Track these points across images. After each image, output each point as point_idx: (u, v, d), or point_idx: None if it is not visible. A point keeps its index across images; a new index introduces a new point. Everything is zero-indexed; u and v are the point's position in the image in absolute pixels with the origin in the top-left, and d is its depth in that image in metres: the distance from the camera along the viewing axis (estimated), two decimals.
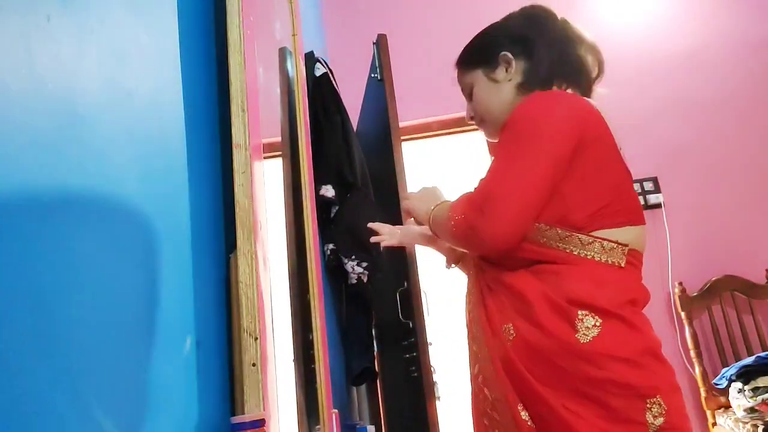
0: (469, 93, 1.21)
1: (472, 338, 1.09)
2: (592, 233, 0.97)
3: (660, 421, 0.88)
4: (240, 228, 0.91)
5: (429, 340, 1.94)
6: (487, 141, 1.27)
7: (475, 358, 1.07)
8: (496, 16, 1.23)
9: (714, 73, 3.09)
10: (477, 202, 0.99)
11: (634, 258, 1.00)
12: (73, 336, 0.54)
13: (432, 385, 1.84)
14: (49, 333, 0.50)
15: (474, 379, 1.07)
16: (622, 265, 0.97)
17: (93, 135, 0.62)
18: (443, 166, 3.91)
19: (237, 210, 0.92)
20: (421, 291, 1.95)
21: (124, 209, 0.67)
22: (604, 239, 0.97)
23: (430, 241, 1.36)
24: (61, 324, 0.52)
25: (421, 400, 1.82)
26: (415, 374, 1.89)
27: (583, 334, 0.91)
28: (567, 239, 0.97)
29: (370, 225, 1.49)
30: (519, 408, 0.93)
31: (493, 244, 0.98)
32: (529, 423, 0.92)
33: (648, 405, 0.88)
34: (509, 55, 1.13)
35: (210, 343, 0.86)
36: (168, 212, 0.80)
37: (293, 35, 1.60)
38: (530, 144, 0.98)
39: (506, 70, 1.13)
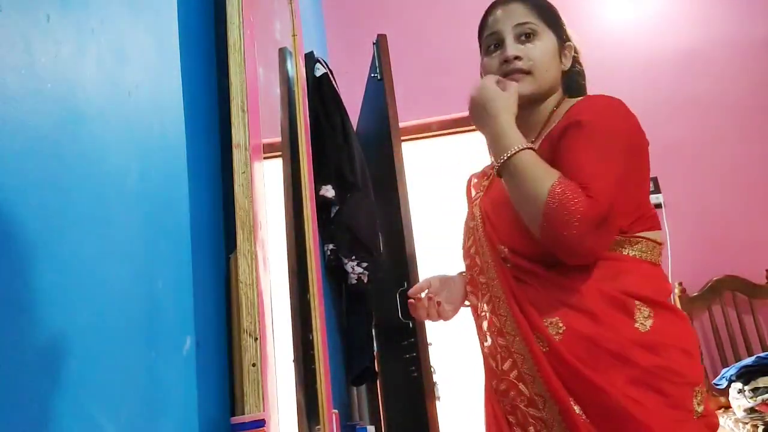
0: (528, 34, 1.08)
1: (494, 333, 1.05)
2: (638, 234, 1.01)
3: (701, 408, 0.93)
4: (240, 228, 0.91)
5: (429, 341, 1.94)
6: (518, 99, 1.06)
7: (505, 353, 1.02)
8: None
9: (715, 72, 3.09)
10: (597, 216, 0.91)
11: (661, 256, 1.06)
12: (73, 337, 0.54)
13: (432, 385, 1.83)
14: (48, 333, 0.50)
15: (502, 375, 1.02)
16: (659, 262, 1.03)
17: (92, 135, 0.62)
18: (443, 167, 3.90)
19: (237, 210, 0.92)
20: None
21: (123, 209, 0.67)
22: (648, 239, 1.01)
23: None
24: (61, 324, 0.52)
25: (421, 400, 1.82)
26: (415, 374, 1.89)
27: (642, 323, 0.94)
28: (617, 243, 0.99)
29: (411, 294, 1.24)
30: (571, 402, 0.92)
31: (596, 257, 0.96)
32: (583, 417, 0.91)
33: (695, 393, 0.93)
34: (573, 48, 1.15)
35: (210, 344, 0.86)
36: (168, 212, 0.80)
37: (293, 35, 1.60)
38: (621, 153, 0.97)
39: (567, 57, 1.14)
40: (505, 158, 0.98)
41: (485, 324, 1.08)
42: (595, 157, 0.95)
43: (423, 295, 1.20)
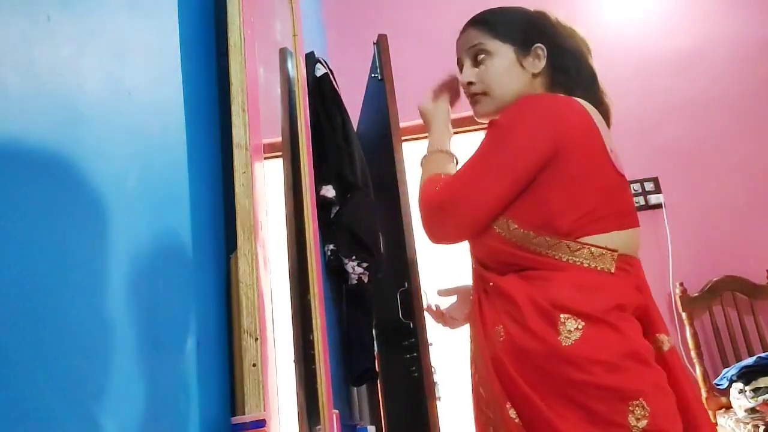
0: (479, 57, 1.14)
1: (471, 339, 1.11)
2: (580, 240, 0.98)
3: (643, 423, 0.87)
4: (240, 228, 0.91)
5: (429, 341, 1.94)
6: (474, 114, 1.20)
7: (473, 358, 1.09)
8: None
9: (715, 72, 3.09)
10: (437, 202, 1.05)
11: (626, 263, 1.00)
12: (74, 336, 0.54)
13: (432, 385, 1.83)
14: (48, 333, 0.50)
15: (473, 378, 1.09)
16: (612, 270, 0.98)
17: (93, 134, 0.62)
18: None
19: (237, 210, 0.92)
20: (422, 291, 1.95)
21: (124, 209, 0.67)
22: (592, 245, 0.98)
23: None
24: (60, 325, 0.52)
25: (422, 401, 1.82)
26: (416, 374, 1.89)
27: (566, 336, 0.92)
28: (556, 246, 0.98)
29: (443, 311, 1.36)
30: (507, 406, 0.95)
31: (438, 242, 1.09)
32: (516, 420, 0.94)
33: (630, 407, 0.88)
34: (544, 50, 1.12)
35: (210, 344, 0.86)
36: (168, 212, 0.80)
37: (294, 36, 1.60)
38: (498, 151, 1.01)
39: (533, 62, 1.13)
40: (422, 159, 1.19)
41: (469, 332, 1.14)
42: (473, 157, 1.04)
43: (432, 303, 1.35)
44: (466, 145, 1.18)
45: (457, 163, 1.18)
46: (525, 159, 0.99)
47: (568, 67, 1.13)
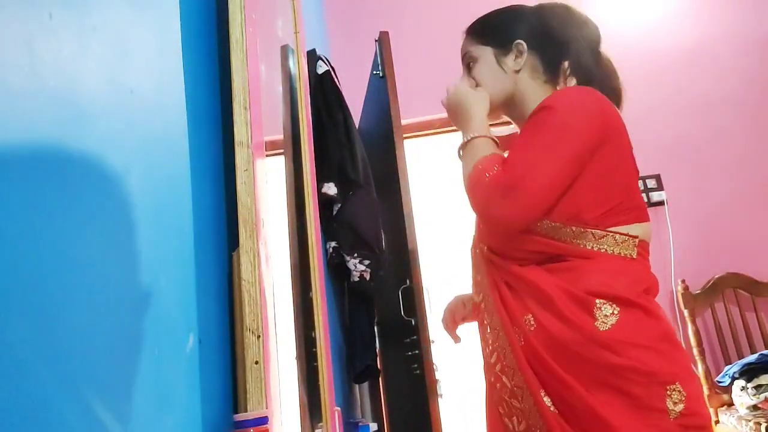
0: (468, 65, 1.20)
1: (486, 329, 1.10)
2: (605, 229, 1.00)
3: (680, 407, 0.89)
4: (242, 226, 0.91)
5: (431, 338, 1.94)
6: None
7: (492, 347, 1.08)
8: None
9: (718, 69, 3.08)
10: (504, 183, 0.99)
11: (644, 249, 1.03)
12: (75, 335, 0.54)
13: (434, 382, 1.84)
14: (50, 333, 0.50)
15: (490, 368, 1.08)
16: (634, 256, 1.00)
17: (95, 133, 0.62)
18: (446, 164, 3.90)
19: (239, 208, 0.92)
20: (424, 288, 1.95)
21: (126, 207, 0.67)
22: (616, 233, 0.99)
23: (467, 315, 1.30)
24: (63, 323, 0.52)
25: (424, 398, 1.82)
26: (418, 372, 1.89)
27: (602, 321, 0.93)
28: (581, 235, 0.99)
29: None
30: (542, 394, 0.95)
31: (506, 227, 1.02)
32: (552, 409, 0.94)
33: (668, 392, 0.90)
34: (524, 45, 1.14)
35: (212, 341, 0.86)
36: (170, 210, 0.80)
37: (295, 33, 1.60)
38: (560, 135, 0.99)
39: (515, 59, 1.15)
40: (461, 144, 1.13)
41: (478, 323, 1.14)
42: (531, 141, 1.01)
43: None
44: (456, 145, 1.17)
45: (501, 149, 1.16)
46: (585, 145, 0.99)
47: (578, 60, 1.14)
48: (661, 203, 2.92)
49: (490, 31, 1.18)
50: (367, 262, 1.88)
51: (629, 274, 0.98)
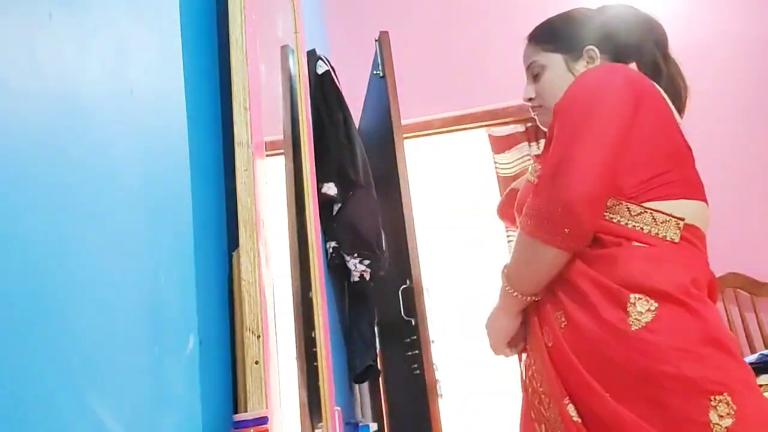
0: (536, 73, 1.15)
1: (526, 327, 1.05)
2: (644, 204, 0.91)
3: (728, 422, 0.77)
4: (242, 226, 0.91)
5: (431, 338, 1.94)
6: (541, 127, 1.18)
7: (527, 350, 1.03)
8: (499, 13, 1.22)
9: (718, 69, 3.08)
10: (545, 179, 0.92)
11: (692, 235, 0.94)
12: (76, 335, 0.54)
13: (434, 382, 1.84)
14: (50, 332, 0.50)
15: (527, 370, 1.02)
16: (676, 240, 0.90)
17: (95, 132, 0.62)
18: (445, 164, 3.90)
19: (239, 208, 0.92)
20: (424, 289, 1.95)
21: (126, 207, 0.67)
22: (655, 210, 0.90)
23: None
24: (63, 323, 0.52)
25: (424, 398, 1.82)
26: (418, 372, 1.89)
27: (635, 319, 0.83)
28: (615, 209, 0.91)
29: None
30: (565, 402, 0.87)
31: (575, 206, 0.87)
32: (575, 418, 0.85)
33: (713, 403, 0.77)
34: (596, 51, 1.11)
35: (212, 341, 0.86)
36: (170, 210, 0.80)
37: (295, 33, 1.60)
38: (588, 113, 0.94)
39: (586, 65, 1.11)
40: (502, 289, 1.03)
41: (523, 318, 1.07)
42: (559, 133, 0.95)
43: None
44: (468, 143, 1.16)
45: None
46: (618, 111, 0.93)
47: (644, 62, 1.12)
48: None
49: (557, 38, 1.14)
50: (367, 262, 1.88)
51: (672, 260, 0.88)
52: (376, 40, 2.23)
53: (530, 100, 1.17)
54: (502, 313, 1.05)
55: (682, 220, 0.91)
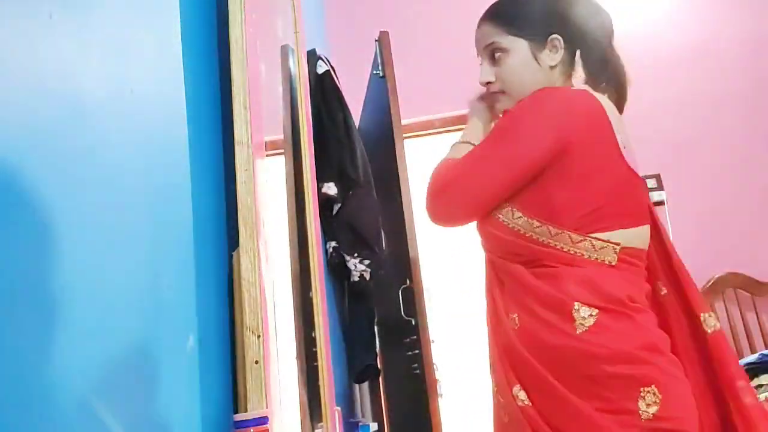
0: (492, 53, 1.11)
1: (488, 324, 1.12)
2: (588, 234, 0.99)
3: (654, 409, 0.89)
4: (243, 225, 0.91)
5: (431, 338, 1.94)
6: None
7: (489, 345, 1.11)
8: None
9: (717, 69, 3.07)
10: (443, 181, 1.07)
11: (630, 255, 1.00)
12: (75, 335, 0.54)
13: (434, 382, 1.84)
14: (51, 331, 0.50)
15: (490, 364, 1.11)
16: (614, 263, 0.98)
17: (95, 132, 0.62)
18: None
19: (239, 207, 0.92)
20: (424, 288, 1.95)
21: (126, 206, 0.67)
22: (594, 238, 0.99)
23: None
24: (63, 323, 0.52)
25: (424, 398, 1.82)
26: (418, 371, 1.89)
27: (580, 323, 0.93)
28: (558, 236, 0.99)
29: None
30: (515, 389, 0.97)
31: (432, 219, 1.10)
32: (526, 402, 0.96)
33: (642, 394, 0.90)
34: (560, 41, 1.09)
35: (213, 341, 0.86)
36: (170, 209, 0.80)
37: (295, 33, 1.60)
38: (506, 142, 1.02)
39: (550, 54, 1.09)
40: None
41: None
42: (481, 144, 1.07)
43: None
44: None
45: None
46: (530, 151, 1.00)
47: (591, 52, 1.11)
48: (660, 203, 2.91)
49: (522, 22, 1.10)
50: (367, 261, 1.88)
51: (607, 282, 0.97)
52: (376, 40, 2.23)
53: (489, 83, 1.13)
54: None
55: (618, 245, 0.99)
